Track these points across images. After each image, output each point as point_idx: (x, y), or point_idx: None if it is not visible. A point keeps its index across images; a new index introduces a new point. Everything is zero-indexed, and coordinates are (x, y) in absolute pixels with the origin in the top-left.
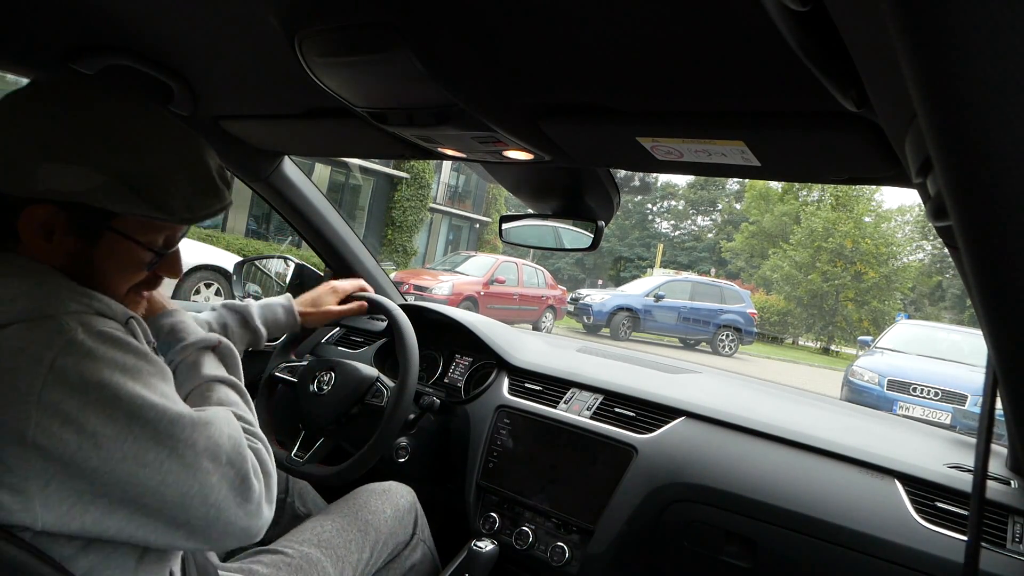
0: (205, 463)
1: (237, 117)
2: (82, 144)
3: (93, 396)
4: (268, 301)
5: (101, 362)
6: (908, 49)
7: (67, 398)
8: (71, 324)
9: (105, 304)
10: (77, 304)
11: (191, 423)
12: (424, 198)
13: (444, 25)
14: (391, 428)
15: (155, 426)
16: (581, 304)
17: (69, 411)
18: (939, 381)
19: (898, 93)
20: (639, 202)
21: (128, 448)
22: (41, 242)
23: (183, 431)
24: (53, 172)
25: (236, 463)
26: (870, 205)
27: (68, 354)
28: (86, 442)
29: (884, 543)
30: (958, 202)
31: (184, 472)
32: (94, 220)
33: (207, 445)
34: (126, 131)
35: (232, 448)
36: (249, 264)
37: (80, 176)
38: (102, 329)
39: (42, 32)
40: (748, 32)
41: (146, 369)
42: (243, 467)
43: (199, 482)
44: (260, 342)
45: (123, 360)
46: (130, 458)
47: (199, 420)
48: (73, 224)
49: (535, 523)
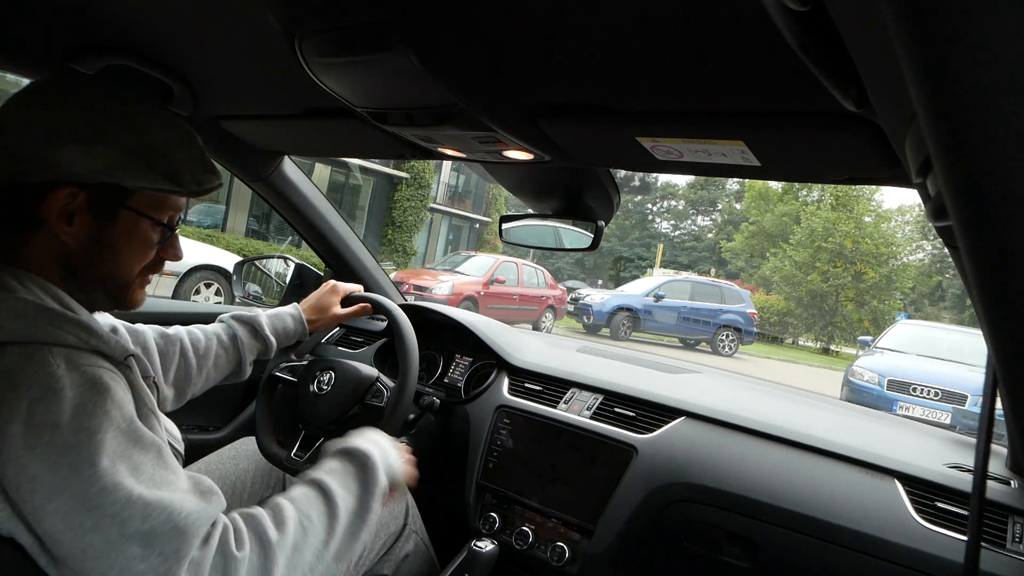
0: (132, 547)
1: (237, 117)
2: (97, 126)
3: (45, 439)
4: (276, 311)
5: (67, 404)
6: (908, 49)
7: (23, 433)
8: (56, 360)
9: (104, 342)
10: (75, 338)
11: (126, 499)
12: (424, 198)
13: (444, 25)
14: (391, 428)
15: (87, 489)
16: (581, 304)
17: (17, 448)
18: (939, 381)
19: (898, 93)
20: (639, 202)
21: (59, 504)
22: (64, 225)
23: (114, 504)
24: (73, 154)
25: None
26: (870, 205)
27: (41, 388)
28: (24, 484)
29: (884, 543)
30: (958, 202)
31: (105, 549)
32: (111, 199)
33: (139, 529)
34: (132, 114)
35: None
36: (249, 264)
37: (98, 154)
38: (86, 369)
39: (42, 32)
40: (748, 32)
41: (115, 424)
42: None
43: (119, 566)
44: (270, 351)
45: (93, 409)
46: (60, 515)
47: (137, 500)
48: (92, 205)
49: (535, 523)
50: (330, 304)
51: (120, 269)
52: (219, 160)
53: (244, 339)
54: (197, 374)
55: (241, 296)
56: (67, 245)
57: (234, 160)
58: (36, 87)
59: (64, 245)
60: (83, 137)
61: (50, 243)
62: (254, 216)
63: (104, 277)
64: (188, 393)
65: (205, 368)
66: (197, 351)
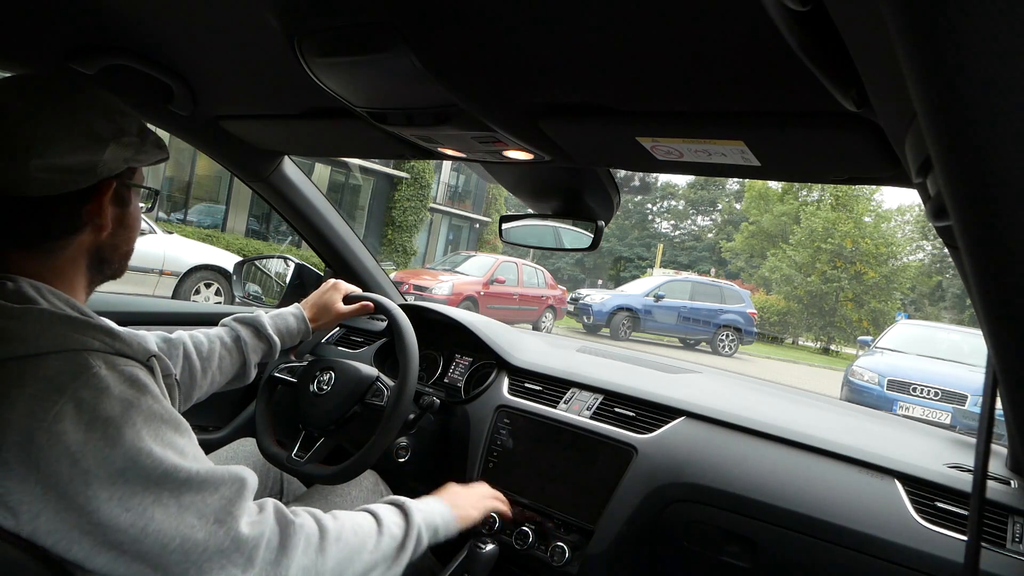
0: (189, 518)
1: (237, 117)
2: (115, 119)
3: (98, 433)
4: (278, 311)
5: (116, 400)
6: (908, 49)
7: (73, 430)
8: (96, 362)
9: (127, 344)
10: (100, 343)
11: (186, 478)
12: (424, 198)
13: (444, 25)
14: (391, 427)
15: (148, 473)
16: (581, 304)
17: (71, 443)
18: (939, 381)
19: (898, 93)
20: (639, 202)
21: (114, 491)
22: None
23: (174, 483)
24: (115, 149)
25: (228, 526)
26: (870, 205)
27: (88, 387)
28: (78, 477)
29: (884, 543)
30: (958, 202)
31: (167, 521)
32: (126, 182)
33: (193, 502)
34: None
35: (225, 512)
36: (249, 264)
37: (126, 144)
38: (123, 369)
39: (42, 32)
40: (748, 32)
41: (158, 415)
42: (237, 534)
43: (180, 535)
44: (275, 352)
45: (138, 402)
46: (115, 500)
47: (195, 477)
48: (116, 192)
49: (535, 523)
50: (332, 301)
51: (131, 243)
52: (219, 160)
53: (247, 340)
54: (202, 377)
55: (241, 296)
56: (99, 238)
57: (234, 160)
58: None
59: (97, 238)
60: (114, 132)
61: (88, 239)
62: (254, 216)
63: (124, 254)
64: (194, 396)
65: (209, 371)
66: (200, 354)
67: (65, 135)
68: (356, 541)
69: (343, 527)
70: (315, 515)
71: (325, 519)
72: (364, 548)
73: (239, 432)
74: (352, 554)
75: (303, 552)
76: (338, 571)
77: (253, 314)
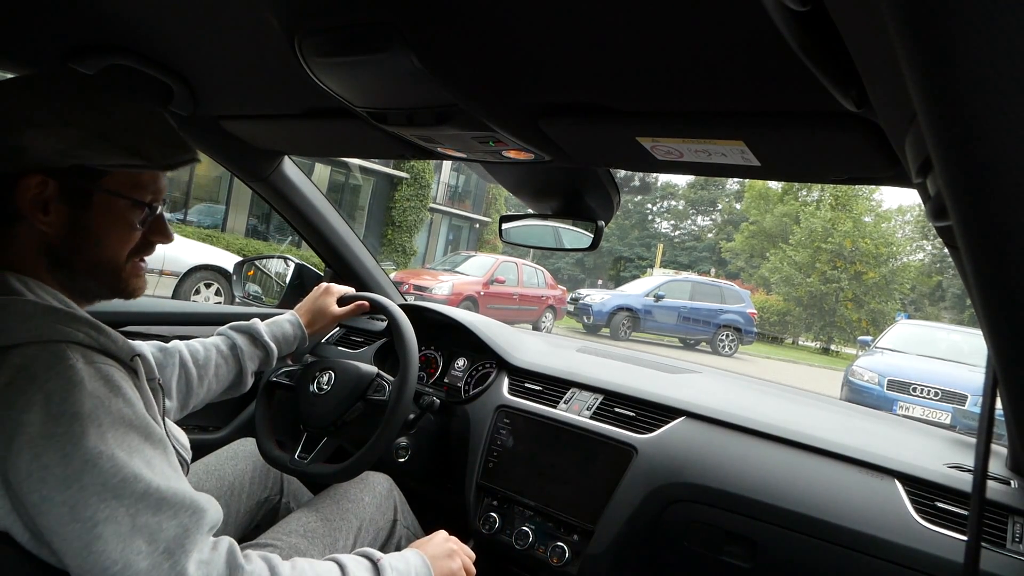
0: (139, 543)
1: (237, 117)
2: (56, 109)
3: (62, 429)
4: (274, 319)
5: (87, 396)
6: (908, 49)
7: (39, 423)
8: (74, 354)
9: (112, 340)
10: (85, 336)
11: (143, 491)
12: (424, 198)
13: (444, 25)
14: (393, 424)
15: (105, 479)
16: (581, 304)
17: (34, 436)
18: (939, 381)
19: (898, 93)
20: (639, 202)
21: (68, 495)
22: (40, 215)
23: (131, 496)
24: (36, 136)
25: (176, 560)
26: (869, 205)
27: (60, 378)
28: (36, 473)
29: (884, 543)
30: (958, 202)
31: (114, 542)
32: (82, 182)
33: (147, 523)
34: (92, 96)
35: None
36: (249, 264)
37: (62, 135)
38: (100, 366)
39: (42, 32)
40: (748, 32)
41: (127, 419)
42: (183, 572)
43: (124, 560)
44: (272, 360)
45: (108, 403)
46: (67, 507)
47: (155, 492)
48: (65, 192)
49: (535, 523)
50: (326, 305)
51: (105, 254)
52: (219, 160)
53: (244, 347)
54: (198, 384)
55: (241, 296)
56: (46, 235)
57: (234, 160)
58: (5, 82)
59: (43, 235)
60: (44, 120)
61: (30, 235)
62: (254, 216)
63: (91, 264)
64: (191, 404)
65: (206, 379)
66: (197, 362)
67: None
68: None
69: (299, 570)
70: (270, 562)
71: (281, 568)
72: None
73: (239, 432)
74: None
75: None
76: None
77: (249, 322)
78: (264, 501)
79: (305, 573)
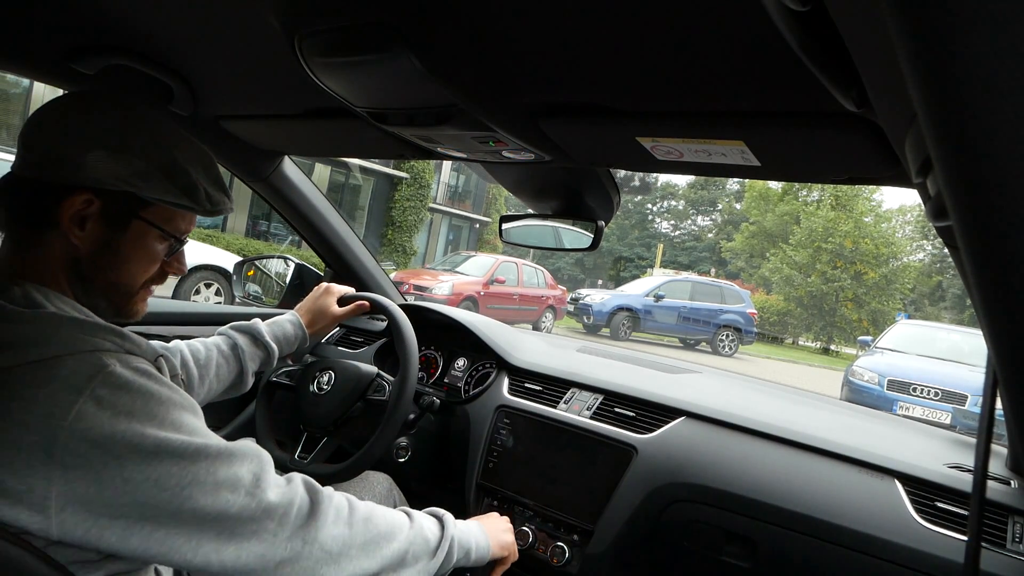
0: (224, 493)
1: (237, 117)
2: (126, 136)
3: (124, 424)
4: (275, 319)
5: (135, 393)
6: (908, 49)
7: (99, 424)
8: (109, 359)
9: (135, 343)
10: (111, 343)
11: (215, 453)
12: (424, 198)
13: (444, 25)
14: (393, 424)
15: (180, 455)
16: (581, 304)
17: (99, 435)
18: (939, 381)
19: (898, 93)
20: (639, 202)
21: (149, 473)
22: (76, 229)
23: (206, 460)
24: (100, 159)
25: (259, 498)
26: (870, 205)
27: (105, 384)
28: (112, 462)
29: (884, 543)
30: (958, 202)
31: (203, 498)
32: (126, 208)
33: (227, 476)
34: (159, 130)
35: (255, 484)
36: (249, 264)
37: (123, 162)
38: (136, 365)
39: (42, 32)
40: (748, 32)
41: (176, 402)
42: (268, 503)
43: (216, 509)
44: (273, 360)
45: (157, 392)
46: (151, 482)
47: (225, 450)
48: (106, 213)
49: (535, 523)
50: (326, 306)
51: (125, 277)
52: (219, 160)
53: (245, 347)
54: (199, 384)
55: (241, 296)
56: (76, 249)
57: (234, 160)
58: (73, 94)
59: (74, 248)
60: (112, 144)
61: (60, 245)
62: (254, 216)
63: (110, 284)
64: None
65: (207, 378)
66: (198, 362)
67: (56, 124)
68: (386, 528)
69: (374, 510)
70: (349, 499)
71: (355, 500)
72: (394, 537)
73: (239, 432)
74: (380, 538)
75: (333, 521)
76: (367, 550)
77: (250, 322)
78: None
79: (376, 511)
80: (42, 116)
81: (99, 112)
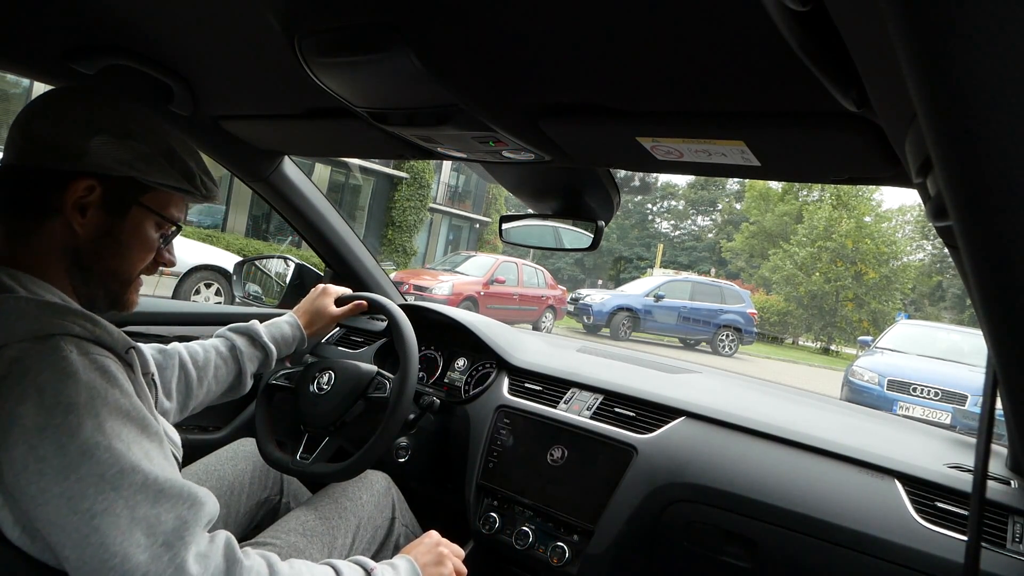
0: (138, 535)
1: (237, 117)
2: (127, 122)
3: (58, 419)
4: (273, 320)
5: (82, 387)
6: (908, 49)
7: (34, 415)
8: (68, 346)
9: (107, 332)
10: (80, 328)
11: (143, 482)
12: (424, 198)
13: (444, 25)
14: (394, 423)
15: (103, 471)
16: (581, 304)
17: (29, 428)
18: (939, 381)
19: (898, 93)
20: (639, 202)
21: (66, 487)
22: (78, 216)
23: (130, 487)
24: (104, 144)
25: (175, 553)
26: (870, 205)
27: (54, 370)
28: (32, 465)
29: (884, 543)
30: (958, 202)
31: (112, 535)
32: (126, 194)
33: (146, 515)
34: (155, 119)
35: (176, 535)
36: (249, 264)
37: (127, 147)
38: (96, 357)
39: (42, 32)
40: (748, 32)
41: (124, 410)
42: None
43: (123, 553)
44: (271, 361)
45: (105, 393)
46: (65, 498)
47: (153, 483)
48: (107, 200)
49: (535, 523)
50: (324, 306)
51: (124, 265)
52: (219, 160)
53: (243, 349)
54: (198, 386)
55: (241, 296)
56: (77, 236)
57: (234, 160)
58: (70, 87)
59: (74, 236)
60: (115, 130)
61: (61, 232)
62: (254, 216)
63: (109, 273)
64: (190, 406)
65: (206, 380)
66: (196, 363)
67: (57, 112)
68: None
69: (298, 571)
70: (268, 560)
71: (279, 566)
72: None
73: (239, 432)
74: None
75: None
76: None
77: (248, 323)
78: (264, 501)
79: (301, 574)
80: (42, 106)
81: (99, 100)
